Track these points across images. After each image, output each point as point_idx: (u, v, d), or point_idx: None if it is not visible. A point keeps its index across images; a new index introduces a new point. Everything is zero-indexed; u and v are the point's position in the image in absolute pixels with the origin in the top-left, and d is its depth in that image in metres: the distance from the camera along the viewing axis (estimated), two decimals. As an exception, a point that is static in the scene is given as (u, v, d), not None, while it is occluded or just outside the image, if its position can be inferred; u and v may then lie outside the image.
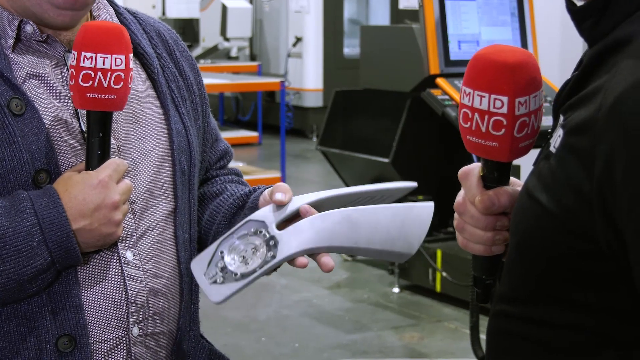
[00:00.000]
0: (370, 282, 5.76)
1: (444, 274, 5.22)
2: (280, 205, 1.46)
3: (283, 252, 1.41)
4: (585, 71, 1.07)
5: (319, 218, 1.44)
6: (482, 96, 1.13)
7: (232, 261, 1.43)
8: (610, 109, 0.96)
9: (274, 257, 1.41)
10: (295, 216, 1.47)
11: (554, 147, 1.06)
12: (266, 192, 1.55)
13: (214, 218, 1.65)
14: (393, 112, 5.63)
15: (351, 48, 11.63)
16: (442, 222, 5.66)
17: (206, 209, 1.67)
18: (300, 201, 1.48)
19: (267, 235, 1.43)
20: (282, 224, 1.46)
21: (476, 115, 1.14)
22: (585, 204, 0.99)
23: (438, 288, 5.32)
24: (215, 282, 1.43)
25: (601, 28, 1.07)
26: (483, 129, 1.14)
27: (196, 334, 1.60)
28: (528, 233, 1.08)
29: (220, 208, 1.64)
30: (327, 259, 1.43)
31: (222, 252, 1.45)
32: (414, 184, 1.54)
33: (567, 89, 1.09)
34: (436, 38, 4.93)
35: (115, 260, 1.45)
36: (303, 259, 1.43)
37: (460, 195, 1.25)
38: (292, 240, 1.42)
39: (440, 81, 4.87)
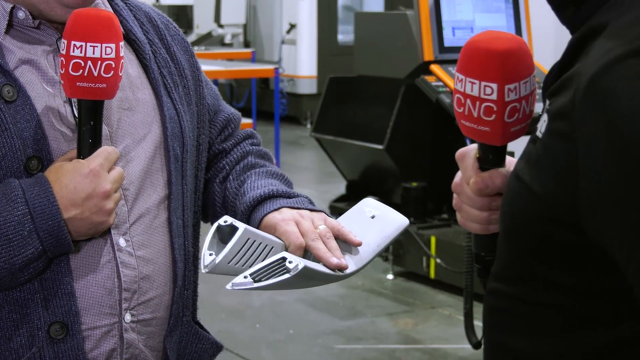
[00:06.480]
0: (365, 268, 5.76)
1: (438, 260, 5.23)
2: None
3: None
4: (566, 57, 1.09)
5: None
6: (473, 83, 1.16)
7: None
8: (583, 93, 0.98)
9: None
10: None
11: (540, 132, 1.08)
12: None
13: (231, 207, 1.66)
14: (387, 98, 5.63)
15: (345, 35, 11.61)
16: (436, 208, 5.67)
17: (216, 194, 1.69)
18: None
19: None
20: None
21: (468, 101, 1.17)
22: (569, 191, 1.00)
23: (432, 275, 5.33)
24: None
25: (580, 16, 1.09)
26: (475, 114, 1.17)
27: (189, 320, 1.60)
28: (515, 215, 1.10)
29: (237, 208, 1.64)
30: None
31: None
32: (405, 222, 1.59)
33: (552, 75, 1.11)
34: (430, 25, 4.93)
35: (108, 247, 1.45)
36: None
37: (457, 176, 1.29)
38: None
39: (434, 68, 4.87)
